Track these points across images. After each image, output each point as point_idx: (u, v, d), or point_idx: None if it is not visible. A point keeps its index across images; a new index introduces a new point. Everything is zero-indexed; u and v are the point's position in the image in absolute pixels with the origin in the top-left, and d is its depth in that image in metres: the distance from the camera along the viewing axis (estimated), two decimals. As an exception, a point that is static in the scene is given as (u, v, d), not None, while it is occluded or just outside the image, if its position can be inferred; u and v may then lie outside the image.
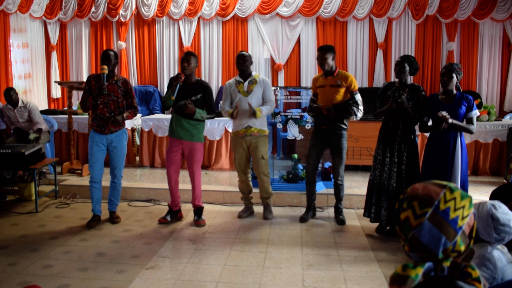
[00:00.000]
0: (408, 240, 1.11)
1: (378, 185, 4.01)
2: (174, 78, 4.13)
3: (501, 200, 2.25)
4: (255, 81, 4.39)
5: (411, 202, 1.12)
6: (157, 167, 6.39)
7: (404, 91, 3.89)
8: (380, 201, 4.00)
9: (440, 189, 1.12)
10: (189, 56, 4.21)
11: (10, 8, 7.28)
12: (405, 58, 3.98)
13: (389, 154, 3.95)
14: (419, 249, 1.10)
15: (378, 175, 4.01)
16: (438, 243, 1.08)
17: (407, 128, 3.92)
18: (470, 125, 3.76)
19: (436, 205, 1.09)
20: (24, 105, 5.67)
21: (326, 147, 4.38)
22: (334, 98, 4.22)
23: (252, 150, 4.44)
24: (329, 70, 4.25)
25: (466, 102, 3.75)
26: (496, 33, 7.86)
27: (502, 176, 5.84)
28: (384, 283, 3.12)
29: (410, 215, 1.10)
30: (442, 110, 3.70)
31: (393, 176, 3.92)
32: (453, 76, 3.71)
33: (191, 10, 8.13)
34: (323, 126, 4.29)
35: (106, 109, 4.19)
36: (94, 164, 4.25)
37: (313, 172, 4.45)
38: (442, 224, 1.08)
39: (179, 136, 4.25)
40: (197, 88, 4.23)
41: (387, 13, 7.82)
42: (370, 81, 8.05)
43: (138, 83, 8.54)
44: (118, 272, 3.27)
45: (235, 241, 3.92)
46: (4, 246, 3.79)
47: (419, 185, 1.15)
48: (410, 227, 1.10)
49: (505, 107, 7.86)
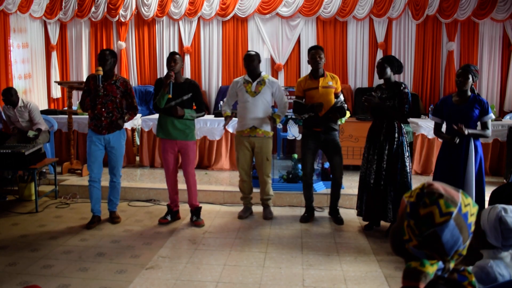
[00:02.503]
0: (423, 236, 1.09)
1: (363, 181, 4.10)
2: (165, 77, 4.09)
3: (501, 200, 2.24)
4: (263, 82, 4.37)
5: (436, 199, 1.09)
6: (157, 167, 6.38)
7: (374, 91, 4.02)
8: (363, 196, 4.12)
9: (457, 192, 1.11)
10: (175, 55, 4.17)
11: (10, 8, 7.28)
12: (385, 59, 4.03)
13: (372, 151, 4.05)
14: (433, 247, 1.08)
15: (363, 172, 4.11)
16: (455, 244, 1.08)
17: (391, 125, 3.96)
18: (485, 130, 3.71)
19: (460, 207, 1.09)
20: (24, 105, 5.66)
21: (319, 148, 4.42)
22: (328, 99, 4.24)
23: (257, 152, 4.44)
24: (320, 69, 4.27)
25: (479, 105, 3.68)
26: (496, 33, 7.86)
27: (502, 176, 5.85)
28: (384, 283, 3.12)
29: (435, 211, 1.08)
30: (454, 112, 3.70)
31: (372, 172, 3.99)
32: (469, 77, 3.66)
33: (191, 10, 8.14)
34: (317, 128, 4.29)
35: (104, 109, 4.19)
36: (93, 164, 4.25)
37: (312, 175, 4.47)
38: (463, 226, 1.08)
39: (173, 136, 4.23)
40: (187, 87, 4.23)
41: (387, 13, 7.82)
42: (370, 81, 8.04)
43: (138, 83, 8.54)
44: (118, 272, 3.27)
45: (235, 241, 3.92)
46: (4, 246, 3.79)
47: (437, 184, 1.13)
48: (433, 223, 1.08)
49: (505, 107, 7.86)
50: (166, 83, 4.06)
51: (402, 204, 1.19)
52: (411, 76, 8.10)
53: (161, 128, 4.27)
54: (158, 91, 4.19)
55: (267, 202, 4.58)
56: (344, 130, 5.99)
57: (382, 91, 4.04)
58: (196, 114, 4.26)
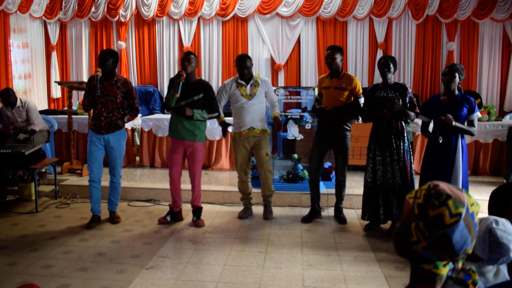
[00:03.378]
0: (433, 238, 1.09)
1: (382, 184, 4.01)
2: (176, 77, 4.11)
3: (501, 200, 2.24)
4: (257, 84, 4.38)
5: (445, 200, 1.09)
6: (157, 167, 6.38)
7: (397, 98, 3.89)
8: (378, 200, 4.03)
9: (461, 192, 1.12)
10: (189, 55, 4.19)
11: (10, 8, 7.28)
12: (389, 57, 4.02)
13: (378, 152, 4.00)
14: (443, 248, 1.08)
15: (380, 176, 4.01)
16: (464, 244, 1.08)
17: (401, 125, 3.97)
18: (471, 128, 3.75)
19: (467, 207, 1.09)
20: (22, 104, 5.64)
21: (329, 148, 4.40)
22: (338, 100, 4.23)
23: (256, 149, 4.44)
24: (336, 70, 4.24)
25: (467, 104, 3.73)
26: (496, 33, 7.86)
27: (502, 176, 5.84)
28: (384, 283, 3.12)
29: (445, 212, 1.08)
30: (443, 111, 3.71)
31: (397, 174, 3.95)
32: (456, 75, 3.71)
33: (191, 10, 8.13)
34: (327, 127, 4.29)
35: (104, 109, 4.19)
36: (93, 164, 4.25)
37: (316, 172, 4.43)
38: (471, 226, 1.09)
39: (182, 136, 4.23)
40: (199, 88, 4.22)
41: (387, 13, 7.82)
42: (370, 81, 8.04)
43: (138, 83, 8.54)
44: (118, 272, 3.27)
45: (235, 241, 3.92)
46: (4, 246, 3.79)
47: (442, 184, 1.13)
48: (443, 225, 1.08)
49: (505, 107, 7.86)
50: (175, 82, 4.07)
51: (406, 205, 1.18)
52: (411, 76, 8.10)
53: (171, 127, 4.30)
54: (170, 90, 4.19)
55: (268, 199, 4.57)
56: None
57: (385, 90, 4.01)
58: (208, 115, 4.25)
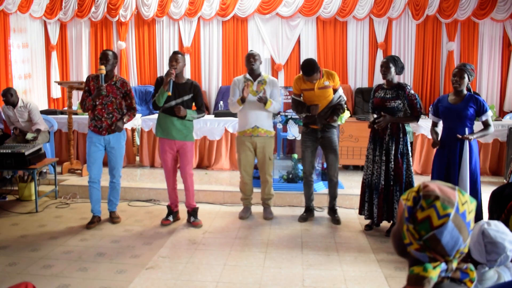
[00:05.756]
0: (423, 239, 1.09)
1: (370, 183, 4.08)
2: (165, 75, 4.05)
3: (501, 200, 2.24)
4: (264, 82, 4.39)
5: (432, 202, 1.08)
6: (157, 167, 6.38)
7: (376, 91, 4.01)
8: (372, 199, 4.07)
9: (453, 191, 1.11)
10: (177, 55, 4.14)
11: (10, 8, 7.28)
12: (389, 58, 4.00)
13: (378, 152, 4.02)
14: (434, 250, 1.08)
15: (369, 174, 4.08)
16: (455, 244, 1.08)
17: (396, 126, 3.96)
18: (487, 129, 3.74)
19: (457, 207, 1.08)
20: (24, 105, 5.66)
21: (318, 145, 4.41)
22: (325, 100, 4.24)
23: (259, 151, 4.43)
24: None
25: (474, 104, 3.68)
26: (496, 33, 7.86)
27: (502, 176, 5.84)
28: (384, 283, 3.12)
29: (432, 214, 1.08)
30: (449, 111, 3.72)
31: (382, 174, 3.97)
32: (465, 76, 3.69)
33: (191, 10, 8.13)
34: (314, 126, 4.29)
35: (104, 110, 4.18)
36: (92, 165, 4.24)
37: (311, 173, 4.46)
38: (461, 226, 1.08)
39: (172, 136, 4.20)
40: (189, 88, 4.22)
41: (387, 13, 7.82)
42: (370, 81, 8.04)
43: (138, 83, 8.54)
44: (118, 272, 3.27)
45: (235, 241, 3.92)
46: (4, 246, 3.79)
47: (433, 185, 1.13)
48: (431, 227, 1.08)
49: (505, 107, 7.86)
50: (166, 80, 4.04)
51: (400, 207, 1.18)
52: (411, 76, 8.10)
53: (160, 127, 4.25)
54: (158, 89, 4.15)
55: (268, 202, 4.58)
56: (344, 130, 5.99)
57: (384, 91, 4.02)
58: (197, 115, 4.26)
